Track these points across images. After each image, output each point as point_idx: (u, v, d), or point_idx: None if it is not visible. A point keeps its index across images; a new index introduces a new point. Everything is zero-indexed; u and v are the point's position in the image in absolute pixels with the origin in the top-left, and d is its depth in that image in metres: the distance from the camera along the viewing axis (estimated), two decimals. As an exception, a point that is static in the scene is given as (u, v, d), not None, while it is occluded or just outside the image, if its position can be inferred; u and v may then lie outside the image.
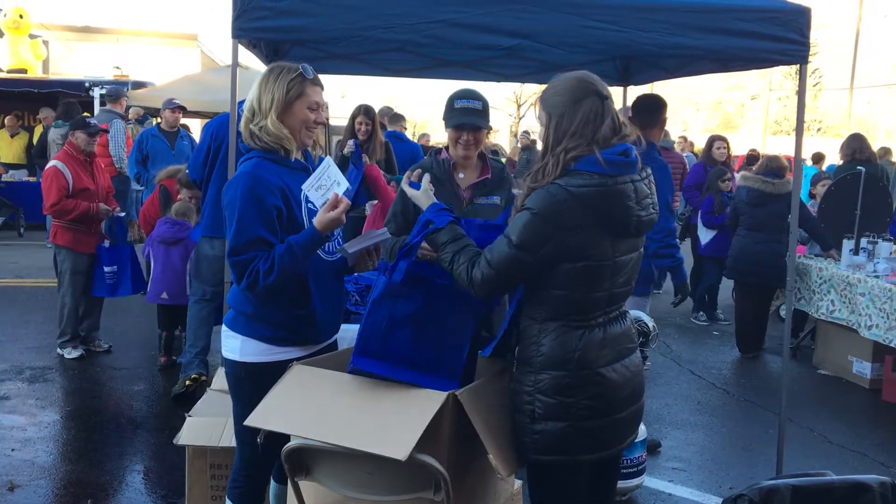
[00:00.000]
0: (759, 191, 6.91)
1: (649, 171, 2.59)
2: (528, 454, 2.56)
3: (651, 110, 5.18)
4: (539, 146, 2.82)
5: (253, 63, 16.27)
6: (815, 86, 52.04)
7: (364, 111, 7.21)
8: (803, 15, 4.18)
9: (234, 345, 2.88)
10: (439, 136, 34.09)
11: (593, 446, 2.54)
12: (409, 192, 2.80)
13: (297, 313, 2.84)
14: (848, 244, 6.61)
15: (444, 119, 3.56)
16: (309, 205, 2.83)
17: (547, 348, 2.49)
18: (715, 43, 4.11)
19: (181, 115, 8.99)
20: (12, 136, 14.94)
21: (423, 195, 2.74)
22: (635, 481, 4.20)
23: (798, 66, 4.39)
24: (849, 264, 6.52)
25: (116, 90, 10.87)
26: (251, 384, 2.82)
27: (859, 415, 5.92)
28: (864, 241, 6.63)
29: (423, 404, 2.48)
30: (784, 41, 4.17)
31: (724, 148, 8.69)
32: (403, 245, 2.59)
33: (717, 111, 65.96)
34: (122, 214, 6.49)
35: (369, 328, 2.58)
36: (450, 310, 2.61)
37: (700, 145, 15.19)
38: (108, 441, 4.88)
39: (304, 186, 2.77)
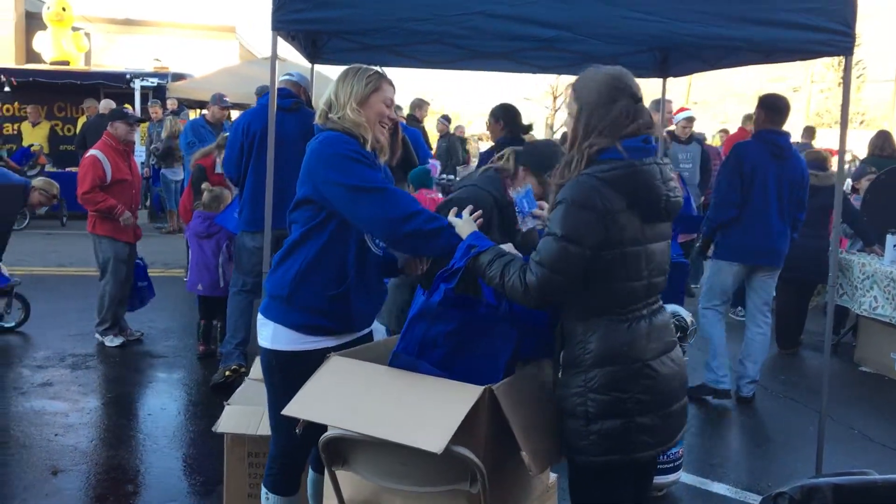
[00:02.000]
0: (806, 184, 6.78)
1: (668, 161, 2.64)
2: (585, 457, 2.51)
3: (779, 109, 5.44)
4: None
5: (291, 55, 16.39)
6: (858, 77, 51.06)
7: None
8: (849, 5, 4.10)
9: (266, 332, 2.91)
10: (474, 127, 34.03)
11: (650, 443, 2.50)
12: (452, 220, 2.76)
13: (332, 302, 2.84)
14: (892, 240, 6.48)
15: None
16: None
17: (595, 345, 2.47)
18: (757, 34, 4.04)
19: (228, 114, 9.11)
20: (34, 126, 15.17)
21: (466, 224, 2.72)
22: (672, 477, 4.16)
23: (842, 57, 4.29)
24: (892, 260, 6.40)
25: None
26: (282, 373, 2.86)
27: (900, 412, 5.82)
28: (906, 237, 6.50)
29: (460, 397, 2.47)
30: (828, 32, 4.09)
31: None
32: (444, 269, 2.57)
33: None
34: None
35: (403, 346, 2.59)
36: (485, 338, 2.59)
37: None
38: (148, 428, 4.96)
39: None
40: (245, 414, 3.52)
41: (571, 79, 2.62)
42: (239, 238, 5.51)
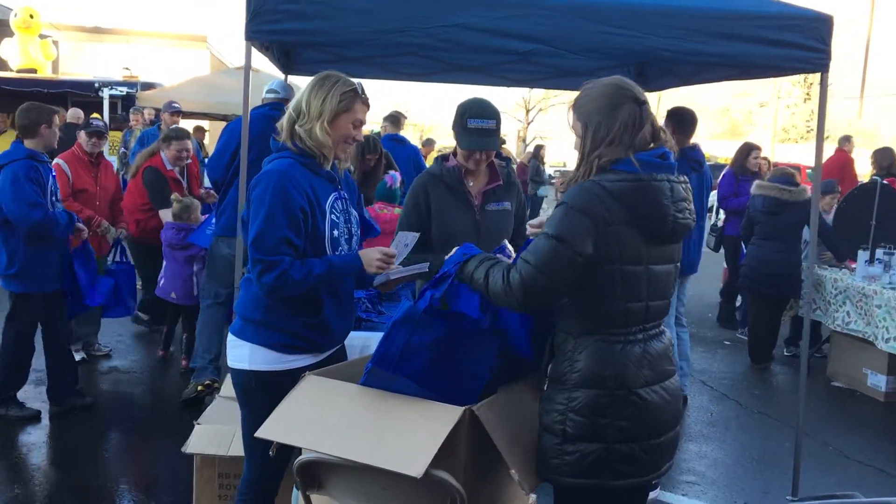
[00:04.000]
0: (776, 199, 6.82)
1: (686, 179, 2.52)
2: (557, 476, 2.45)
3: (687, 122, 5.36)
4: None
5: (264, 66, 16.27)
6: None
7: (373, 146, 6.84)
8: (825, 23, 4.12)
9: (242, 353, 2.82)
10: (446, 140, 33.97)
11: (627, 472, 2.41)
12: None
13: (308, 321, 2.80)
14: (863, 255, 6.53)
15: (453, 131, 3.50)
16: (332, 216, 2.82)
17: (583, 364, 2.40)
18: (734, 50, 4.04)
19: (179, 119, 9.05)
20: (0, 134, 14.89)
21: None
22: (651, 495, 4.12)
23: (814, 74, 4.30)
24: (864, 275, 6.44)
25: None
26: (261, 393, 2.77)
27: (875, 429, 5.83)
28: (879, 252, 6.54)
29: (439, 419, 2.41)
30: (805, 49, 4.11)
31: (760, 158, 8.34)
32: (434, 276, 2.54)
33: (724, 118, 65.75)
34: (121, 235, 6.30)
35: (384, 349, 2.51)
36: (466, 353, 2.52)
37: (708, 153, 15.07)
38: (115, 446, 4.83)
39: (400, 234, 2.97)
40: (216, 433, 3.43)
41: (543, 92, 2.58)
42: (214, 245, 5.39)
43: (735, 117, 66.11)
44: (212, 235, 5.55)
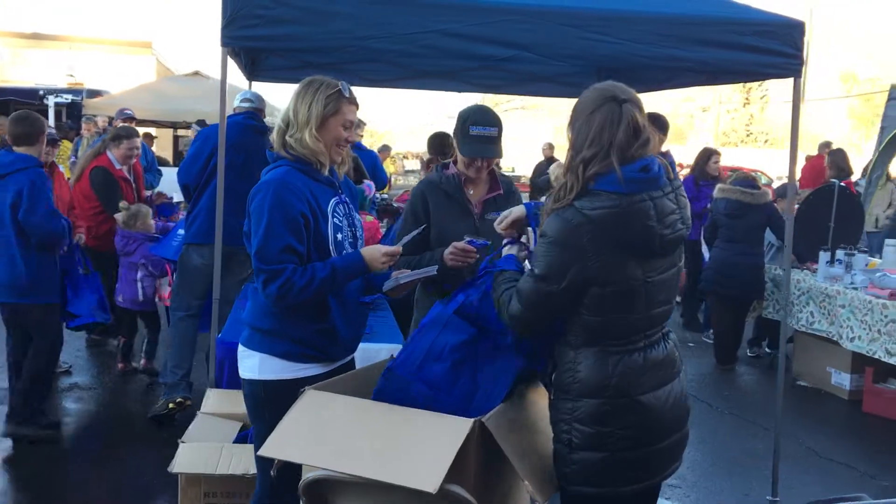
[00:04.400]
0: (739, 202, 6.92)
1: (677, 184, 2.50)
2: (567, 484, 2.45)
3: (662, 127, 5.38)
4: None
5: (212, 71, 16.02)
6: (762, 98, 53.17)
7: None
8: (797, 29, 4.18)
9: (252, 363, 2.79)
10: (399, 145, 33.95)
11: (633, 477, 2.43)
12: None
13: (316, 328, 2.78)
14: (824, 256, 6.66)
15: (454, 138, 3.46)
16: (335, 220, 2.80)
17: (583, 374, 2.39)
18: (711, 56, 4.08)
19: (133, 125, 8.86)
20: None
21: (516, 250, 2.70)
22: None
23: (786, 78, 4.36)
24: (826, 276, 6.57)
25: None
26: (272, 404, 2.73)
27: (843, 426, 5.95)
28: (839, 253, 6.68)
29: (450, 432, 2.36)
30: (778, 54, 4.16)
31: (719, 163, 8.45)
32: (470, 280, 2.62)
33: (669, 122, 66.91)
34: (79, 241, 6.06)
35: (409, 350, 2.55)
36: (489, 360, 2.53)
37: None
38: (80, 468, 4.66)
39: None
40: (201, 452, 3.32)
41: (496, 97, 2.60)
42: (184, 254, 5.24)
43: (678, 122, 67.40)
44: (181, 245, 5.42)
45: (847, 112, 49.29)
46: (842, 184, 7.24)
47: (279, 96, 9.81)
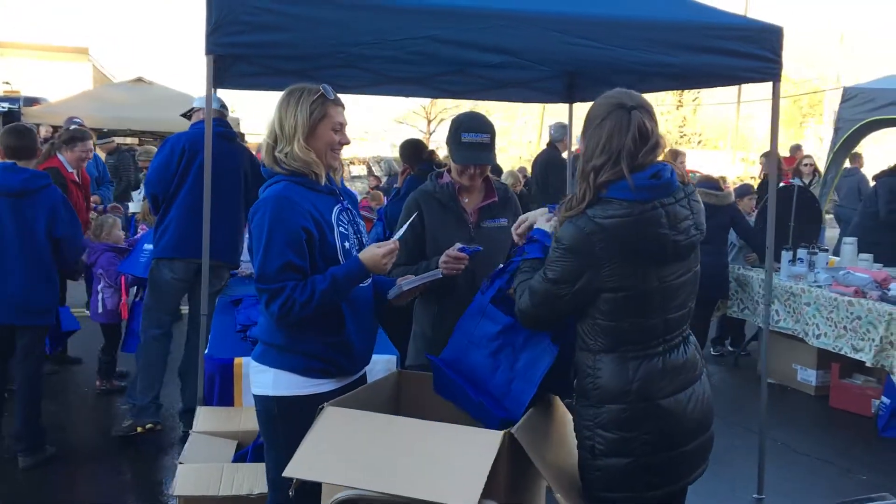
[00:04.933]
0: (704, 203, 6.99)
1: (690, 189, 2.51)
2: (592, 491, 2.45)
3: None
4: None
5: (157, 77, 15.69)
6: (693, 101, 54.42)
7: None
8: (776, 34, 4.25)
9: (265, 379, 2.73)
10: (344, 151, 33.43)
11: (659, 482, 2.44)
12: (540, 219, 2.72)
13: (330, 341, 2.72)
14: (787, 255, 6.81)
15: (447, 146, 3.42)
16: (340, 228, 2.74)
17: (603, 381, 2.39)
18: (695, 60, 4.12)
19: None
20: None
21: (550, 223, 2.65)
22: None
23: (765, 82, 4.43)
24: (789, 275, 6.71)
25: None
26: (286, 420, 2.69)
27: (813, 422, 6.07)
28: (801, 252, 6.83)
29: (481, 445, 2.33)
30: (758, 59, 4.22)
31: (685, 163, 8.56)
32: (503, 265, 2.72)
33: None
34: None
35: (453, 339, 2.66)
36: (525, 346, 2.56)
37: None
38: (56, 488, 4.47)
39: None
40: (202, 473, 3.20)
41: (446, 101, 2.61)
42: (154, 269, 5.02)
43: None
44: (150, 261, 5.24)
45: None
46: (801, 184, 7.40)
47: (245, 103, 9.65)
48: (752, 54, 4.21)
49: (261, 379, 2.75)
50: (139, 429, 4.96)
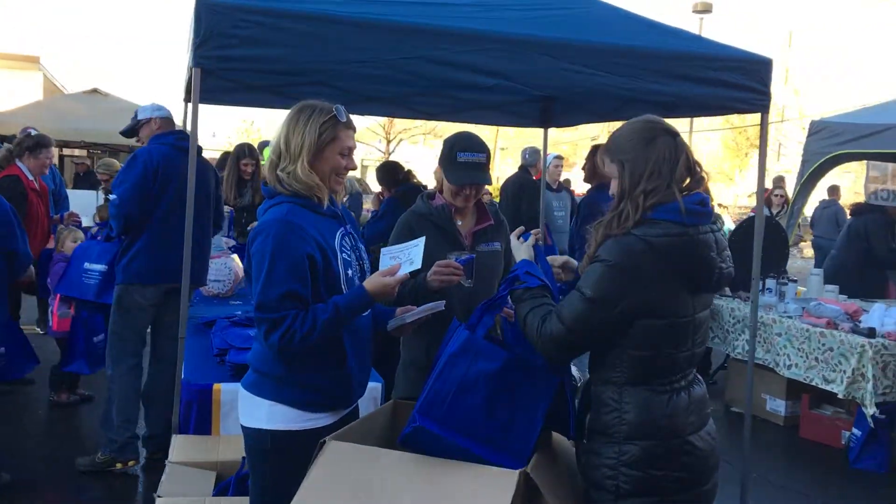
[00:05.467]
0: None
1: (717, 225, 2.48)
2: None
3: None
4: None
5: (113, 89, 15.33)
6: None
7: (248, 152, 7.25)
8: (766, 66, 4.28)
9: (258, 411, 2.57)
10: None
11: None
12: (514, 243, 2.67)
13: (333, 374, 2.58)
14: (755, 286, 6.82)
15: (440, 167, 3.31)
16: (343, 255, 2.60)
17: (633, 416, 2.30)
18: (686, 90, 4.14)
19: None
20: None
21: (525, 250, 2.59)
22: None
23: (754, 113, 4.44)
24: (760, 304, 6.72)
25: None
26: (278, 454, 2.55)
27: (785, 452, 6.07)
28: (770, 282, 6.86)
29: (497, 486, 2.22)
30: (748, 90, 4.25)
31: None
32: (489, 300, 2.48)
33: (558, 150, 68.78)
34: None
35: (437, 387, 2.35)
36: (525, 381, 2.39)
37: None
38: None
39: (384, 250, 2.68)
40: (184, 507, 3.04)
41: (407, 121, 2.53)
42: (124, 294, 4.69)
43: (564, 149, 69.32)
44: (102, 284, 4.96)
45: (721, 143, 51.55)
46: (767, 213, 7.46)
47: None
48: (742, 85, 4.24)
49: (254, 410, 2.59)
50: (118, 464, 4.69)
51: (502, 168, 40.21)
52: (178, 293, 4.64)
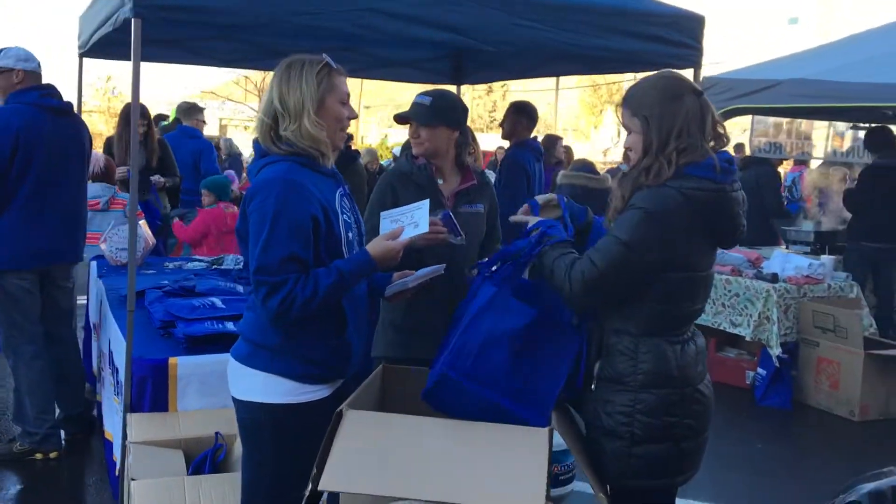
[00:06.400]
0: (584, 187, 7.11)
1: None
2: (624, 480, 2.40)
3: (533, 115, 5.48)
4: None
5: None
6: (502, 87, 56.15)
7: (141, 112, 6.82)
8: (698, 22, 4.38)
9: (252, 384, 2.42)
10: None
11: (686, 468, 2.45)
12: (530, 218, 2.57)
13: (332, 344, 2.46)
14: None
15: None
16: (344, 216, 2.47)
17: (648, 366, 2.34)
18: (625, 45, 4.19)
19: None
20: None
21: (550, 210, 2.56)
22: (569, 487, 4.16)
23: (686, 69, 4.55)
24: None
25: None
26: (273, 429, 2.42)
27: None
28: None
29: (530, 445, 2.20)
30: (681, 46, 4.33)
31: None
32: (519, 257, 2.42)
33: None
34: None
35: (463, 341, 2.31)
36: (551, 338, 2.38)
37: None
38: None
39: (383, 214, 2.56)
40: (162, 489, 2.85)
41: (265, 74, 2.48)
42: (5, 282, 4.19)
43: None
44: None
45: (578, 100, 52.96)
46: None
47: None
48: (676, 41, 4.31)
49: (246, 383, 2.44)
50: (38, 455, 4.33)
51: (366, 127, 39.85)
52: (62, 270, 4.40)
